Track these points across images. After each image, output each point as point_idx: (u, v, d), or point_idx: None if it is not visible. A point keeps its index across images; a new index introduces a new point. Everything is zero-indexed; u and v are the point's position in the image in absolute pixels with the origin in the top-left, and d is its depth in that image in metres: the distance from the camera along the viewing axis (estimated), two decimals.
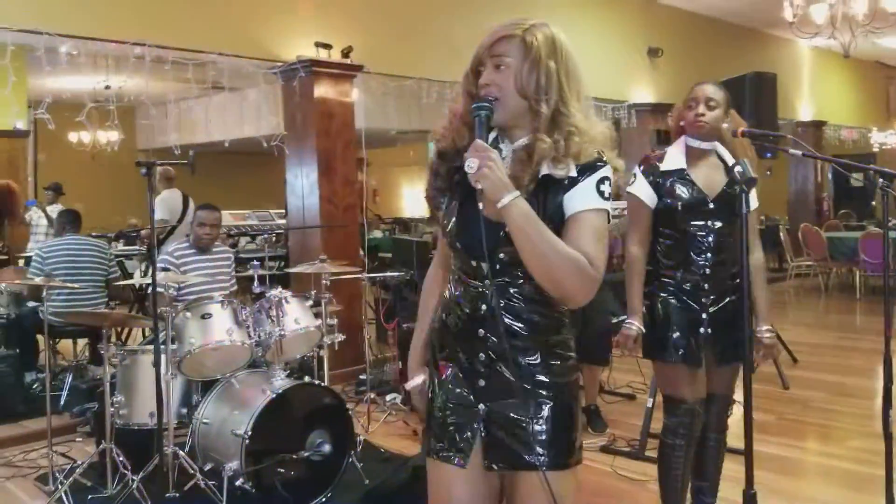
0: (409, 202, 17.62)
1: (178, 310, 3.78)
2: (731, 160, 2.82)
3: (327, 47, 6.14)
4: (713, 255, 2.83)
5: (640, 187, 2.90)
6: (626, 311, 2.96)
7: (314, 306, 4.10)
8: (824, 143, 12.69)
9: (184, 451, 3.66)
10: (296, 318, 3.86)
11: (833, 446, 4.41)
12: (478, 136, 1.63)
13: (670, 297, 2.88)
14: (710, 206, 2.82)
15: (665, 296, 2.89)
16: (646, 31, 9.51)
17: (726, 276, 2.86)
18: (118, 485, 3.68)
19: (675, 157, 2.89)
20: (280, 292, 3.90)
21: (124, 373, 3.85)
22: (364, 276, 5.45)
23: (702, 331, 2.84)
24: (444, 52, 6.42)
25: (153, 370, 3.38)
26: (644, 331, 2.89)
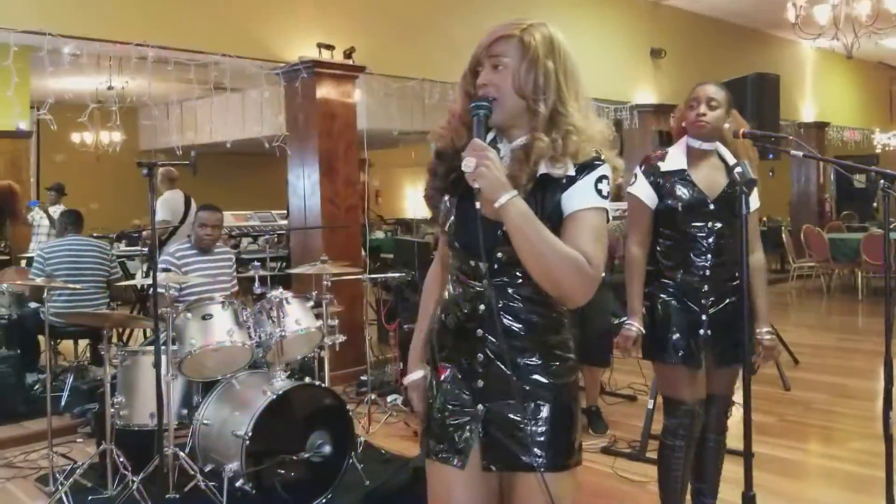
0: (411, 203, 17.60)
1: (178, 310, 3.78)
2: (732, 161, 2.80)
3: (329, 48, 6.14)
4: (713, 256, 2.82)
5: (640, 188, 2.89)
6: (626, 312, 2.95)
7: (315, 307, 4.09)
8: (827, 145, 12.68)
9: (184, 452, 3.66)
10: (297, 318, 3.86)
11: (834, 448, 4.40)
12: (476, 136, 1.62)
13: (670, 299, 2.87)
14: (711, 206, 2.81)
15: (665, 297, 2.87)
16: (649, 32, 9.49)
17: (726, 277, 2.85)
18: (118, 486, 3.68)
19: (675, 157, 2.88)
20: (281, 293, 3.90)
21: (125, 374, 3.85)
22: (365, 276, 5.46)
23: (702, 332, 2.83)
24: (446, 53, 6.41)
25: (154, 371, 3.37)
26: (644, 332, 2.88)
